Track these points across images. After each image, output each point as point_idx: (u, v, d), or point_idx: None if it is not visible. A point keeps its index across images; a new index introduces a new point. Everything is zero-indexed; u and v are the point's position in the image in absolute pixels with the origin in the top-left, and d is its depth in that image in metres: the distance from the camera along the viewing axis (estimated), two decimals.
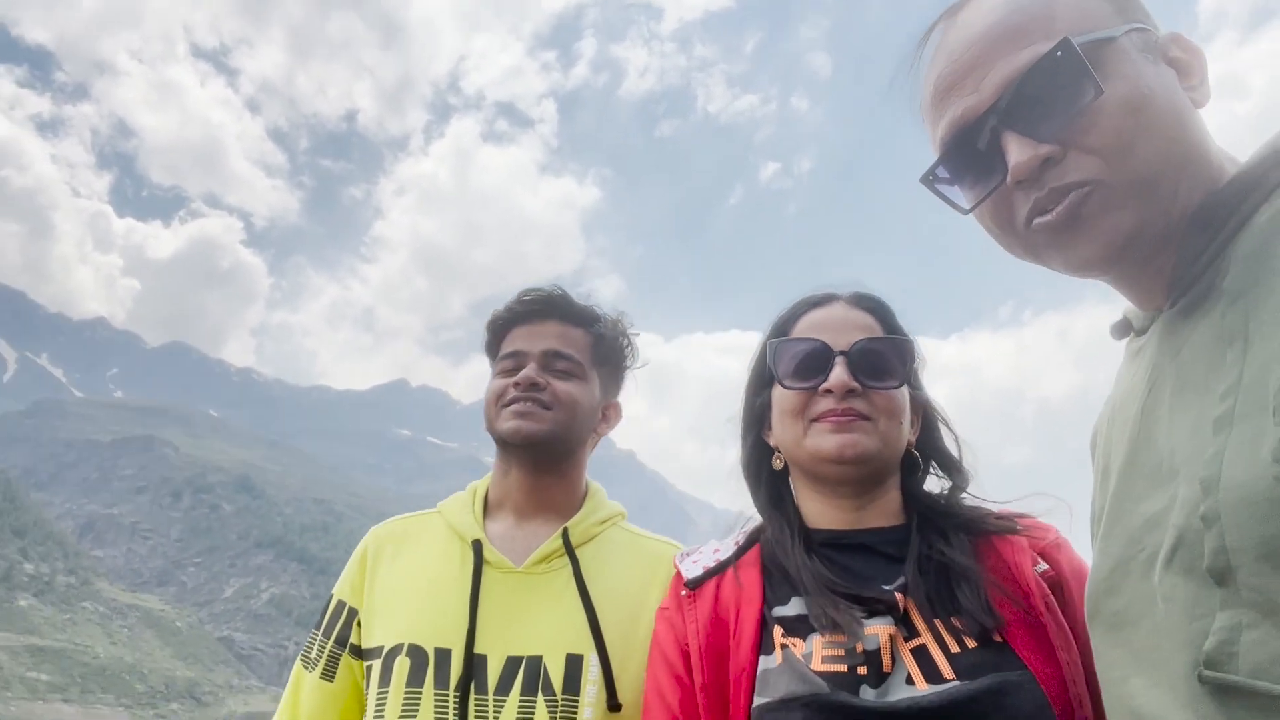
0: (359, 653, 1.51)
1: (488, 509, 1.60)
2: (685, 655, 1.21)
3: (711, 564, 1.28)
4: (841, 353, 1.21)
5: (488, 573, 1.47)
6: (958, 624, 1.08)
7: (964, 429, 1.30)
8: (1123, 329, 0.94)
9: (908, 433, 1.24)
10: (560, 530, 1.53)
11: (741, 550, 1.29)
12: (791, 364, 1.24)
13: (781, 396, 1.25)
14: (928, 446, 1.30)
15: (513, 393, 1.52)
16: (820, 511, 1.25)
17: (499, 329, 1.62)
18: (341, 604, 1.56)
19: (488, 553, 1.49)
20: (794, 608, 1.16)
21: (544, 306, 1.59)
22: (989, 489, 1.27)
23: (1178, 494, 0.74)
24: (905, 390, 1.23)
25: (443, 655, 1.40)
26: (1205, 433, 0.71)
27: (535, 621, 1.43)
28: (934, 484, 1.30)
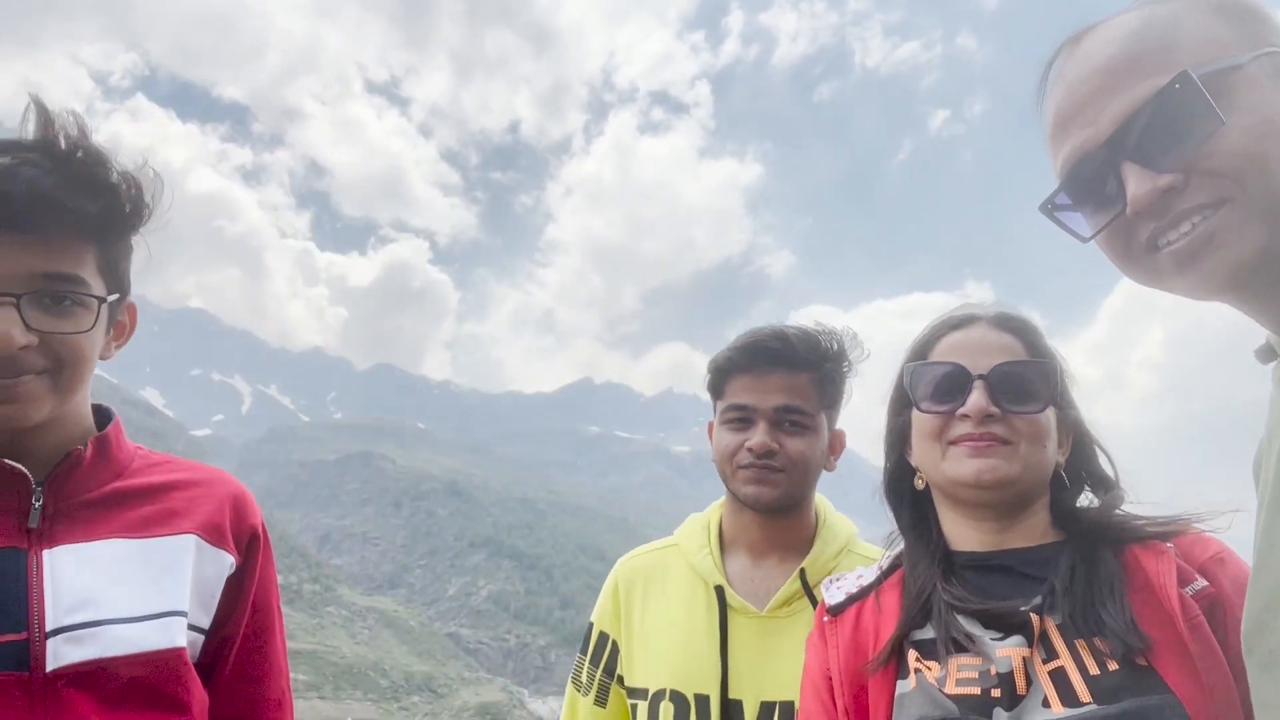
0: (624, 686, 1.62)
1: (723, 544, 1.64)
2: (829, 682, 1.22)
3: (854, 589, 1.29)
4: (980, 376, 1.18)
5: (733, 618, 1.53)
6: (1100, 645, 1.04)
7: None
8: (1267, 354, 0.90)
9: (1054, 455, 1.20)
10: (797, 572, 1.54)
11: (885, 574, 1.29)
12: (929, 387, 1.22)
13: (920, 419, 1.24)
14: (1078, 467, 1.25)
15: (746, 457, 1.53)
16: (962, 533, 1.23)
17: (724, 374, 1.60)
18: (605, 636, 1.66)
19: (730, 598, 1.54)
20: (930, 631, 1.15)
21: (769, 357, 1.55)
22: (1152, 501, 1.21)
23: None
24: (1050, 413, 1.19)
25: (701, 701, 1.47)
26: None
27: (784, 666, 1.45)
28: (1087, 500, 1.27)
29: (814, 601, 1.48)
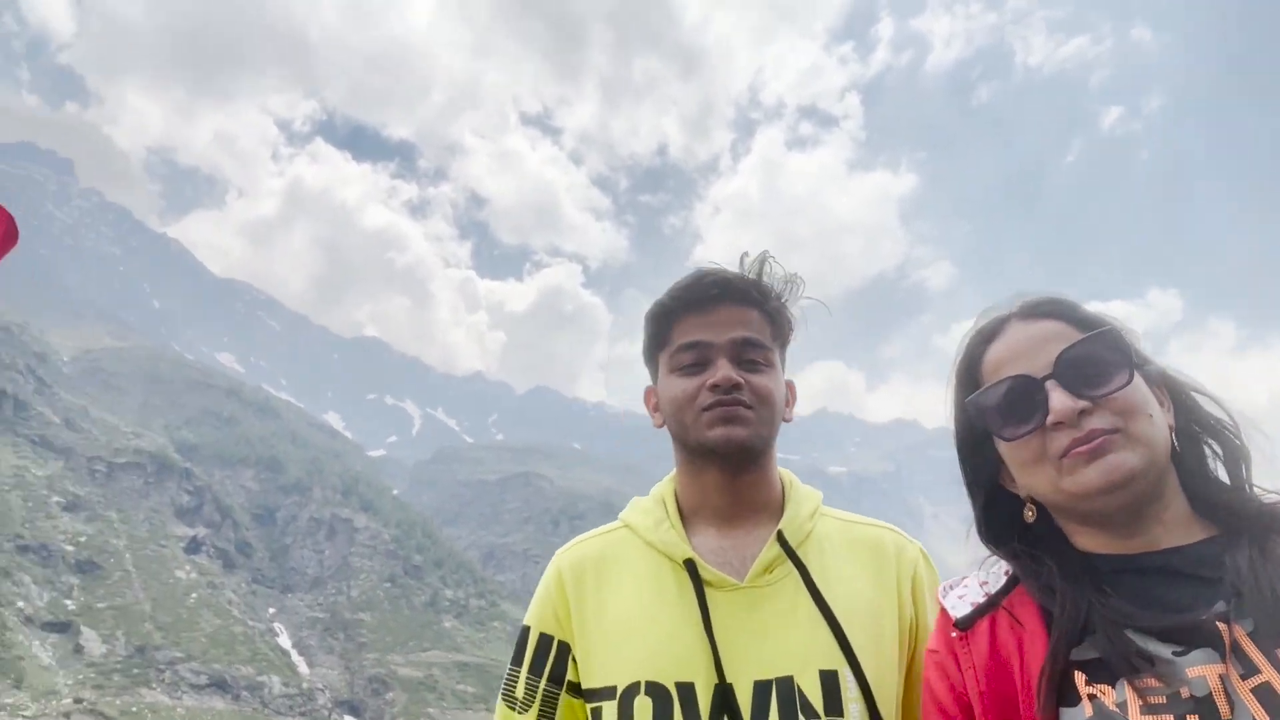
0: (579, 692, 1.38)
1: (683, 518, 1.44)
2: (963, 704, 1.10)
3: (981, 599, 1.14)
4: (1047, 376, 1.05)
5: (711, 594, 1.34)
6: None
7: None
8: None
9: (1162, 422, 1.06)
10: (774, 534, 1.38)
11: (1014, 581, 1.13)
12: (1000, 413, 1.09)
13: (1011, 449, 1.10)
14: (1190, 424, 1.10)
15: (709, 396, 1.36)
16: (1097, 543, 1.08)
17: (668, 318, 1.44)
18: (548, 638, 1.42)
19: (704, 571, 1.35)
20: (1091, 649, 1.00)
21: (721, 289, 1.40)
22: None
23: None
24: (1138, 380, 1.05)
25: (686, 690, 1.27)
26: None
27: (776, 639, 1.29)
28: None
29: (798, 565, 1.35)
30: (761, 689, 1.25)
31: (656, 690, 1.28)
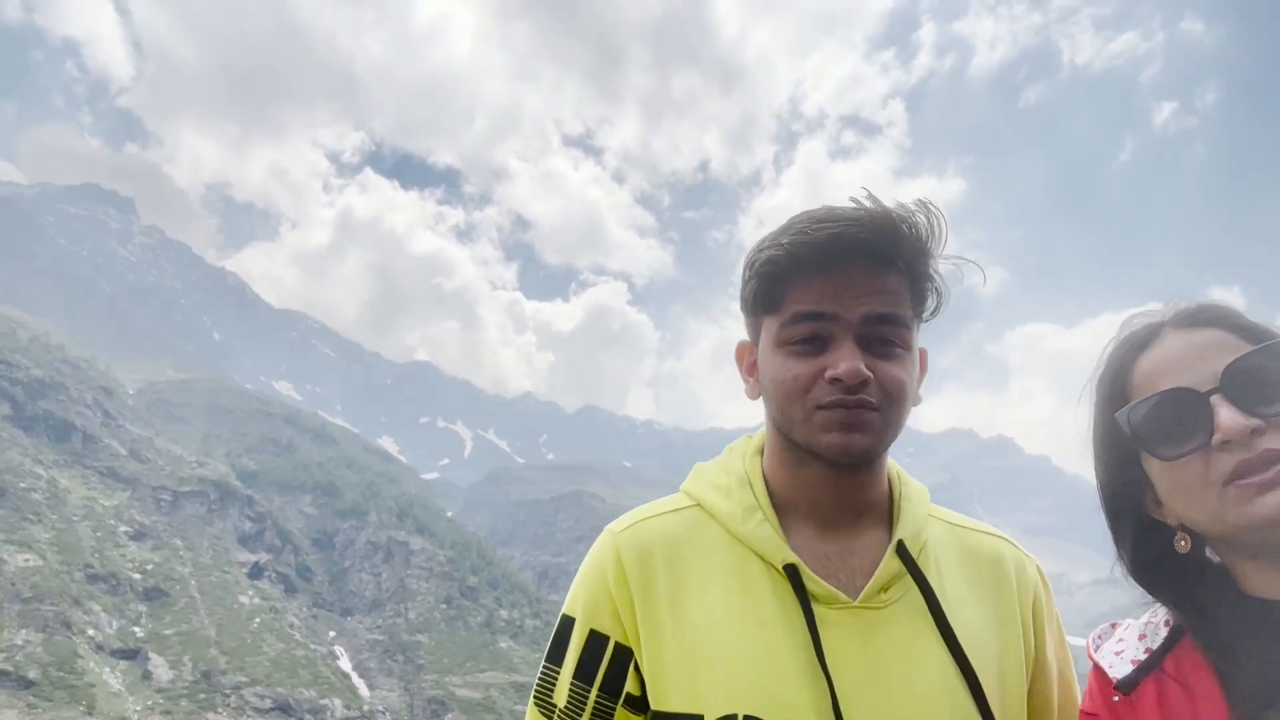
0: (641, 708, 1.12)
1: (775, 508, 1.16)
2: None
3: (1142, 657, 1.02)
4: (1214, 390, 0.93)
5: (818, 612, 1.07)
6: None
7: None
8: None
9: None
10: (894, 543, 1.12)
11: (1175, 636, 1.01)
12: (1158, 428, 0.96)
13: (1168, 470, 0.97)
14: None
15: (829, 392, 1.06)
16: (1265, 580, 0.95)
17: (777, 278, 1.10)
18: (601, 637, 1.13)
19: (810, 582, 1.08)
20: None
21: (857, 245, 1.06)
22: None
23: None
24: None
25: None
26: None
27: (900, 678, 1.04)
28: None
29: (921, 584, 1.10)
30: None
31: None
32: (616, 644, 1.12)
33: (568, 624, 1.16)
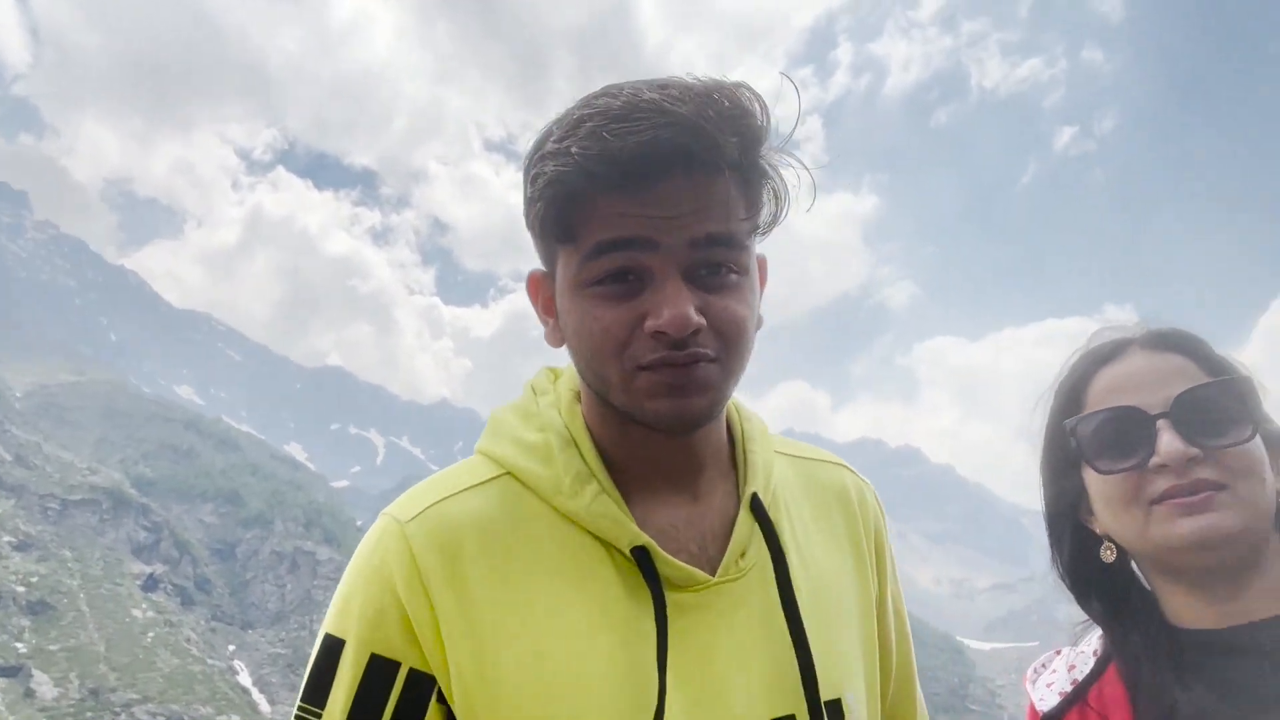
0: None
1: (608, 471, 0.93)
2: None
3: (1068, 688, 1.05)
4: (1162, 415, 0.95)
5: (674, 600, 0.88)
6: None
7: None
8: None
9: (1274, 486, 0.97)
10: (748, 499, 0.95)
11: (1104, 663, 1.04)
12: (1101, 442, 0.99)
13: (1102, 482, 1.00)
14: None
15: (650, 347, 0.83)
16: (1187, 605, 0.99)
17: (572, 196, 0.83)
18: (387, 664, 0.86)
19: (664, 564, 0.88)
20: None
21: (675, 152, 0.80)
22: None
23: None
24: (1259, 438, 0.96)
25: None
26: None
27: (732, 672, 0.88)
28: None
29: (773, 542, 0.93)
30: None
31: None
32: (411, 671, 0.85)
33: (334, 649, 0.87)
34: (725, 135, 0.80)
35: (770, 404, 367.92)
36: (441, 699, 0.85)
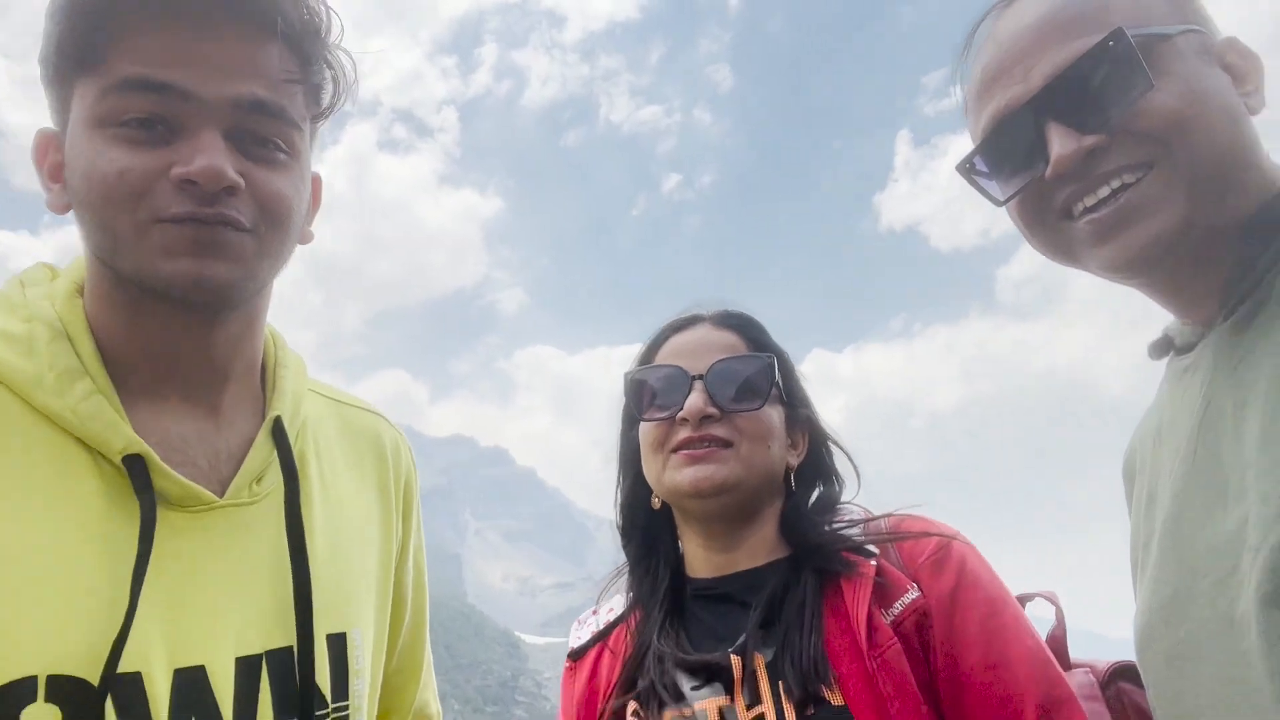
0: None
1: (107, 372, 0.82)
2: None
3: (600, 627, 1.20)
4: (698, 376, 1.13)
5: (166, 518, 0.79)
6: (798, 686, 0.98)
7: (857, 441, 1.08)
8: (1163, 348, 0.90)
9: (781, 456, 1.16)
10: (270, 421, 0.89)
11: (631, 609, 1.20)
12: (650, 394, 1.16)
13: (644, 429, 1.18)
14: (812, 469, 1.21)
15: (174, 200, 0.76)
16: (697, 555, 1.17)
17: (102, 12, 0.75)
18: None
19: (161, 476, 0.79)
20: (666, 678, 1.07)
21: None
22: (885, 501, 1.17)
23: (1250, 512, 0.70)
24: (773, 410, 1.15)
25: (131, 685, 0.74)
26: (1278, 444, 0.69)
27: (228, 600, 0.82)
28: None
29: (289, 469, 0.88)
30: (188, 680, 0.77)
31: (69, 690, 0.72)
32: None
33: None
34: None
35: (367, 389, 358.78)
36: None
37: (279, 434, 0.88)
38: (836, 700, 0.96)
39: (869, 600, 1.02)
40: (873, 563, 1.06)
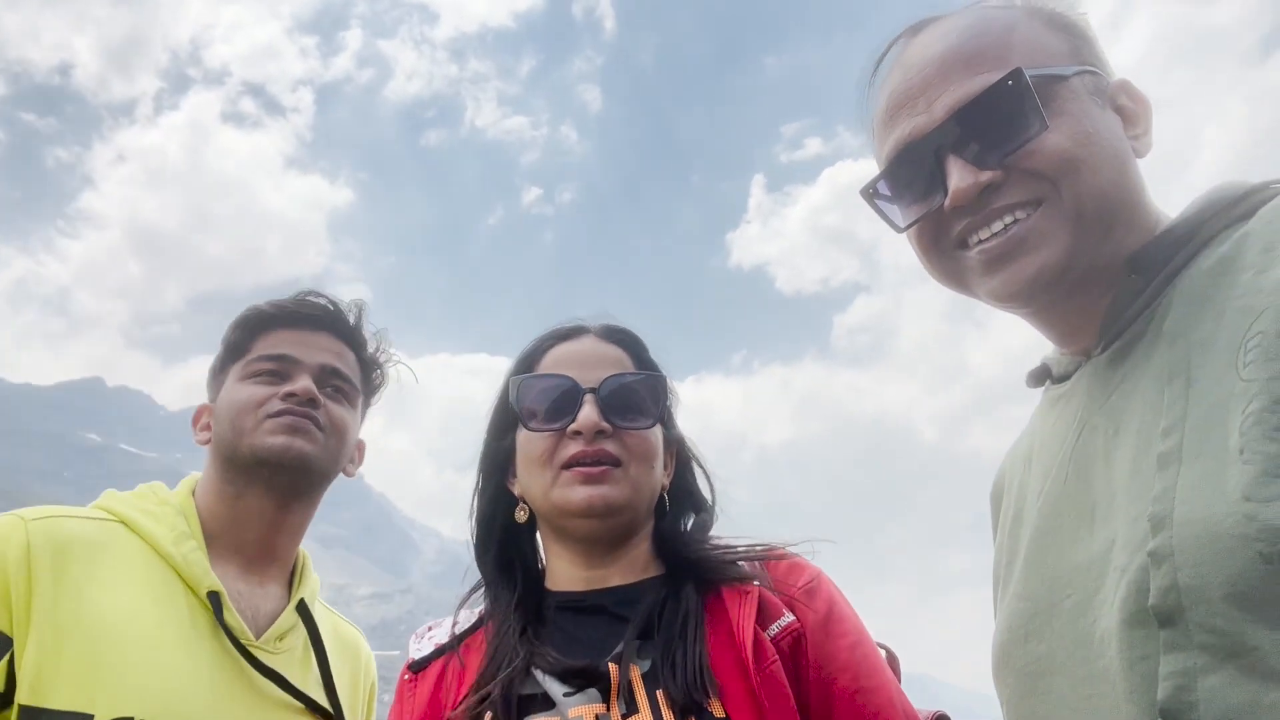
0: (12, 705, 1.05)
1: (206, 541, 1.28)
2: None
3: (445, 639, 1.16)
4: (591, 390, 1.11)
5: (224, 642, 1.20)
6: (678, 696, 0.98)
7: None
8: (1039, 376, 0.95)
9: (660, 476, 1.17)
10: (296, 603, 1.32)
11: (483, 620, 1.18)
12: (537, 403, 1.13)
13: (527, 440, 1.14)
14: (681, 489, 1.23)
15: (281, 404, 1.28)
16: (564, 570, 1.16)
17: (256, 327, 1.36)
18: None
19: (228, 614, 1.20)
20: (526, 688, 1.05)
21: (323, 315, 1.39)
22: (718, 529, 1.21)
23: (1117, 534, 0.73)
24: (658, 430, 1.17)
25: None
26: (1148, 470, 0.70)
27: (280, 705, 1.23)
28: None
29: (312, 633, 1.31)
30: None
31: None
32: None
33: None
34: (354, 325, 1.43)
35: (183, 375, 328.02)
36: (12, 661, 1.06)
37: (303, 610, 1.30)
38: (719, 712, 0.96)
39: (754, 617, 1.03)
40: (755, 583, 1.08)
